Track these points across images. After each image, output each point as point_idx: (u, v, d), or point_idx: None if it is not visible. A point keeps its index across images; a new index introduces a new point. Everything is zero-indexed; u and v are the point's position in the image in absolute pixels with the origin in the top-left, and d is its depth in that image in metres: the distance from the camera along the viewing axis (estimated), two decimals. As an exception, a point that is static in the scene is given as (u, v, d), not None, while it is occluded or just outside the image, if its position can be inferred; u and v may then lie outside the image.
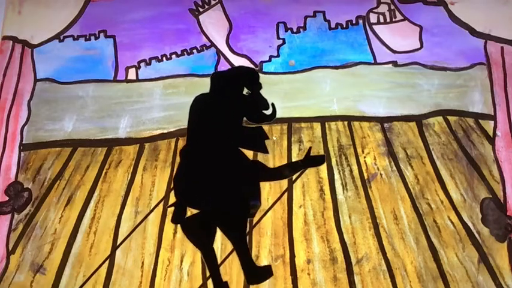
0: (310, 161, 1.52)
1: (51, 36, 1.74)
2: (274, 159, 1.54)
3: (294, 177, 1.51)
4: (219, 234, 1.44)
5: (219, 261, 1.40)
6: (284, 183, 1.51)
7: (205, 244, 1.43)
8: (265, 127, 1.57)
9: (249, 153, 1.54)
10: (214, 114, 1.57)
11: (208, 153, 1.52)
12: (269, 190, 1.50)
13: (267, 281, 1.38)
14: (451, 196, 1.47)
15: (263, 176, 1.50)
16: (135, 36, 1.75)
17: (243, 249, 1.41)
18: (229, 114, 1.57)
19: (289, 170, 1.52)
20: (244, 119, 1.57)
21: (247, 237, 1.43)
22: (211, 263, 1.40)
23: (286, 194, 1.49)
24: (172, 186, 1.51)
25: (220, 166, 1.51)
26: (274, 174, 1.51)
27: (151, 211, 1.48)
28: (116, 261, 1.44)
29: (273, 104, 1.58)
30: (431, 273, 1.37)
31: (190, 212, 1.47)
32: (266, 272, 1.38)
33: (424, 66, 1.65)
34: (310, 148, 1.52)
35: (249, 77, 1.62)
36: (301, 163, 1.52)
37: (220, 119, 1.56)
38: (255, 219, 1.45)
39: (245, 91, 1.57)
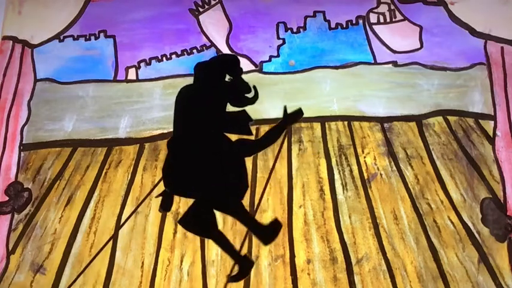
0: (290, 118, 1.54)
1: (51, 36, 1.74)
2: (274, 159, 1.54)
3: (294, 176, 1.51)
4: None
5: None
6: (284, 183, 1.51)
7: (210, 230, 1.44)
8: (265, 127, 1.57)
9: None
10: (197, 103, 1.58)
11: (194, 142, 1.54)
12: (269, 190, 1.50)
13: (267, 281, 1.38)
14: (451, 196, 1.47)
15: (249, 150, 1.52)
16: (135, 36, 1.75)
17: (245, 216, 1.43)
18: (212, 101, 1.58)
19: (273, 135, 1.54)
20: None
21: (247, 236, 1.44)
22: (225, 245, 1.42)
23: (286, 193, 1.49)
24: (161, 177, 1.52)
25: (205, 153, 1.53)
26: (260, 144, 1.53)
27: (142, 201, 1.49)
28: (116, 261, 1.44)
29: (254, 87, 1.59)
30: (431, 273, 1.37)
31: (180, 202, 1.47)
32: (276, 226, 1.42)
33: (424, 66, 1.65)
34: (285, 106, 1.53)
35: (229, 63, 1.64)
36: (282, 123, 1.54)
37: (203, 107, 1.57)
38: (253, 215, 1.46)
39: (227, 78, 1.58)
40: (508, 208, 1.45)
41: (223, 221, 1.46)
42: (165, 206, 1.48)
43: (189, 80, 1.66)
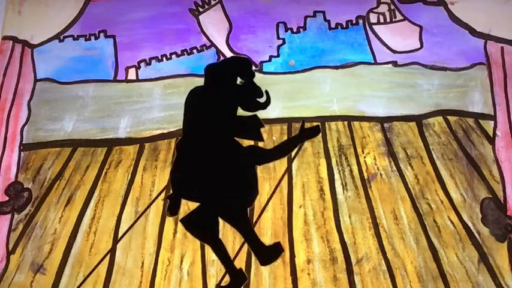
0: (306, 133, 1.52)
1: (51, 36, 1.74)
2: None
3: (294, 176, 1.51)
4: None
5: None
6: (284, 183, 1.51)
7: (210, 237, 1.43)
8: (265, 127, 1.57)
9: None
10: (208, 105, 1.56)
11: (204, 145, 1.52)
12: (269, 191, 1.50)
13: (267, 281, 1.38)
14: (451, 196, 1.47)
15: (260, 159, 1.50)
16: (135, 36, 1.75)
17: (249, 233, 1.41)
18: (223, 104, 1.56)
19: (287, 147, 1.51)
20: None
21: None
22: (221, 254, 1.41)
23: (286, 193, 1.49)
24: (169, 179, 1.51)
25: (216, 157, 1.50)
26: (272, 154, 1.51)
27: (150, 204, 1.48)
28: (116, 261, 1.44)
29: (266, 92, 1.57)
30: (431, 273, 1.37)
31: (188, 206, 1.47)
32: (276, 250, 1.39)
33: (424, 66, 1.65)
34: (303, 121, 1.51)
35: (242, 66, 1.62)
36: (298, 137, 1.52)
37: (214, 110, 1.55)
38: (255, 218, 1.45)
39: (238, 81, 1.57)
40: (508, 208, 1.45)
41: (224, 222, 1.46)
42: (172, 210, 1.47)
43: (189, 80, 1.66)
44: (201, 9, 1.76)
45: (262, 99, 1.57)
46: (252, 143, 1.54)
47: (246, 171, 1.48)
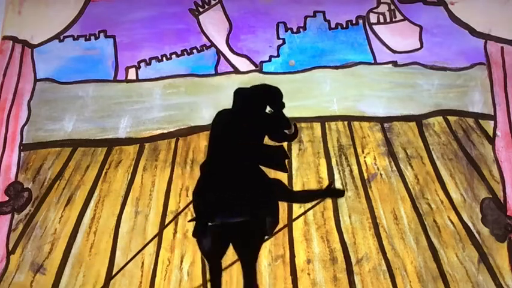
0: (331, 192, 1.50)
1: (51, 36, 1.74)
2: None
3: (294, 176, 1.51)
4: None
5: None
6: (284, 183, 1.51)
7: (214, 257, 1.42)
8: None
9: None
10: (236, 130, 1.55)
11: (229, 169, 1.51)
12: (269, 190, 1.50)
13: (267, 281, 1.38)
14: (451, 196, 1.47)
15: (282, 196, 1.48)
16: (135, 36, 1.75)
17: (250, 271, 1.39)
18: (251, 131, 1.56)
19: (308, 197, 1.50)
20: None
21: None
22: (215, 277, 1.39)
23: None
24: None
25: (240, 182, 1.49)
26: (293, 197, 1.49)
27: (180, 210, 1.48)
28: (116, 261, 1.44)
29: (295, 124, 1.57)
30: (431, 273, 1.37)
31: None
32: None
33: (424, 66, 1.65)
34: (332, 182, 1.50)
35: (273, 95, 1.61)
36: (323, 193, 1.50)
37: (242, 135, 1.55)
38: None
39: (268, 109, 1.57)
40: (508, 208, 1.45)
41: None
42: (198, 232, 1.44)
43: (189, 80, 1.67)
44: (201, 9, 1.76)
45: (290, 131, 1.57)
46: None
47: (269, 201, 1.47)
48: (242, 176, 1.50)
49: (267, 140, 1.56)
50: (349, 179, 1.51)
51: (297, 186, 1.50)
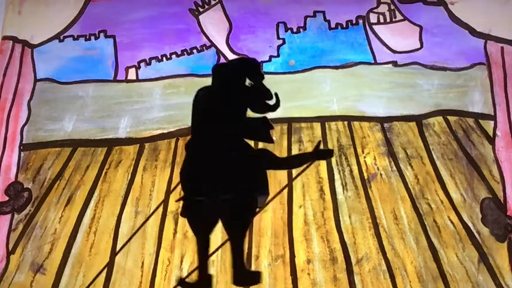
0: (319, 154, 1.52)
1: (51, 36, 1.74)
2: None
3: (294, 174, 1.51)
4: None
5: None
6: (284, 183, 1.51)
7: (203, 233, 1.43)
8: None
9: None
10: (217, 106, 1.56)
11: (213, 145, 1.52)
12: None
13: (267, 281, 1.38)
14: (451, 196, 1.47)
15: (270, 165, 1.50)
16: (135, 36, 1.75)
17: (239, 247, 1.41)
18: (233, 105, 1.57)
19: (297, 161, 1.51)
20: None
21: (248, 237, 1.43)
22: (202, 253, 1.40)
23: (286, 193, 1.49)
24: (176, 181, 1.51)
25: (226, 157, 1.50)
26: (282, 163, 1.50)
27: (151, 214, 1.48)
28: (116, 261, 1.44)
29: (276, 94, 1.58)
30: (431, 273, 1.37)
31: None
32: (254, 277, 1.38)
33: (424, 66, 1.65)
34: (319, 142, 1.52)
35: (251, 67, 1.62)
36: (311, 155, 1.52)
37: (223, 110, 1.56)
38: (256, 223, 1.45)
39: (247, 82, 1.57)
40: (508, 208, 1.45)
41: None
42: (187, 212, 1.47)
43: (189, 80, 1.67)
44: (201, 9, 1.76)
45: (272, 102, 1.57)
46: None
47: (257, 173, 1.48)
48: (227, 151, 1.51)
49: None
50: (349, 179, 1.51)
51: (297, 186, 1.50)
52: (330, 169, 1.52)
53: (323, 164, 1.53)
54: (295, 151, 1.55)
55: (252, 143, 1.54)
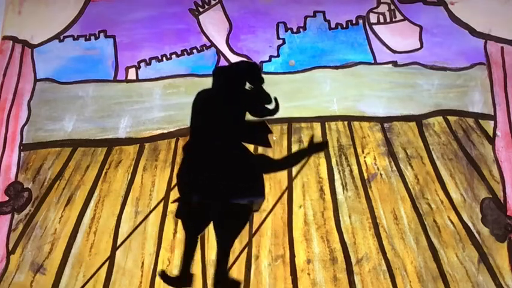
0: (314, 147, 1.52)
1: (51, 36, 1.74)
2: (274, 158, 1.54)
3: (294, 173, 1.51)
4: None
5: None
6: (284, 182, 1.51)
7: (193, 231, 1.43)
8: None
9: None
10: (217, 109, 1.56)
11: (212, 148, 1.52)
12: (269, 191, 1.50)
13: (267, 281, 1.38)
14: (451, 196, 1.47)
15: (269, 168, 1.50)
16: (135, 36, 1.75)
17: (225, 252, 1.40)
18: (232, 109, 1.57)
19: (295, 159, 1.52)
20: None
21: (248, 237, 1.44)
22: (189, 252, 1.41)
23: (286, 193, 1.49)
24: (175, 182, 1.51)
25: (224, 160, 1.50)
26: (279, 164, 1.51)
27: (151, 211, 1.48)
28: (116, 261, 1.44)
29: (275, 98, 1.58)
30: (431, 273, 1.37)
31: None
32: (233, 286, 1.37)
33: (424, 66, 1.65)
34: (312, 135, 1.52)
35: (251, 71, 1.62)
36: (305, 151, 1.52)
37: (223, 114, 1.56)
38: (256, 223, 1.45)
39: (247, 86, 1.57)
40: (508, 208, 1.45)
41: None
42: (182, 213, 1.47)
43: (189, 80, 1.67)
44: (201, 9, 1.76)
45: (271, 106, 1.57)
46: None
47: (254, 177, 1.48)
48: (225, 155, 1.51)
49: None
50: (349, 179, 1.51)
51: (297, 186, 1.50)
52: (330, 169, 1.52)
53: (323, 164, 1.53)
54: (295, 151, 1.55)
55: (250, 147, 1.54)
